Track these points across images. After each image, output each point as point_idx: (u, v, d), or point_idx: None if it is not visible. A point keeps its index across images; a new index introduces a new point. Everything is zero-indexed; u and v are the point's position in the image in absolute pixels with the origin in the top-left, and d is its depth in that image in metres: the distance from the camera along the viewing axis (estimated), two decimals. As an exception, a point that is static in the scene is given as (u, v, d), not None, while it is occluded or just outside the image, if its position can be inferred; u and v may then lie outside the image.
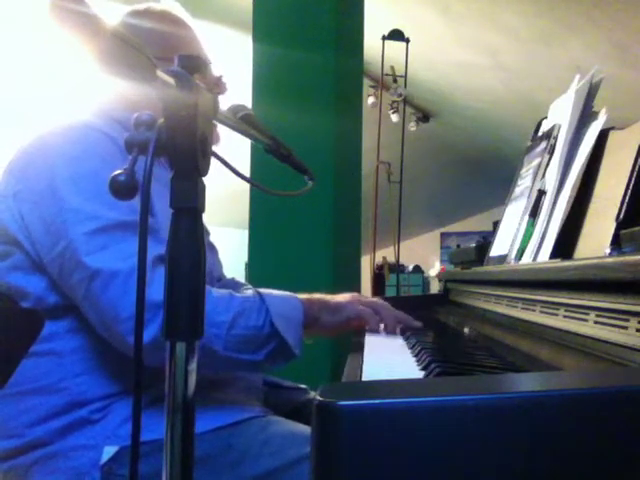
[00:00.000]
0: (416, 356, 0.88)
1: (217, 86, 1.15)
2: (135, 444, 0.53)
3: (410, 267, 7.29)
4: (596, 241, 0.90)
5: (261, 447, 0.96)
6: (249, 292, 1.03)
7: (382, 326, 1.17)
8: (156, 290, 0.81)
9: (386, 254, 5.48)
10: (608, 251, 0.81)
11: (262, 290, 1.03)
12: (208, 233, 1.30)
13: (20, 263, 0.97)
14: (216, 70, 1.17)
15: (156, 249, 0.86)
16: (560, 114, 1.21)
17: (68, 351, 0.96)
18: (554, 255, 0.99)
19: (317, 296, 1.12)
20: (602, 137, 1.02)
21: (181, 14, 1.16)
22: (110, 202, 0.92)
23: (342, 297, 1.15)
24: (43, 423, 0.95)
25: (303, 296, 1.08)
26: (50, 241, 0.93)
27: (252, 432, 0.99)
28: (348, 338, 1.15)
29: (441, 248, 9.44)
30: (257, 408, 1.06)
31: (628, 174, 0.87)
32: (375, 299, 1.24)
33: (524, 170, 1.35)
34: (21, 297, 0.97)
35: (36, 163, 0.97)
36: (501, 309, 1.13)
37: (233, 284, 1.42)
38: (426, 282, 7.31)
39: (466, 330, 1.17)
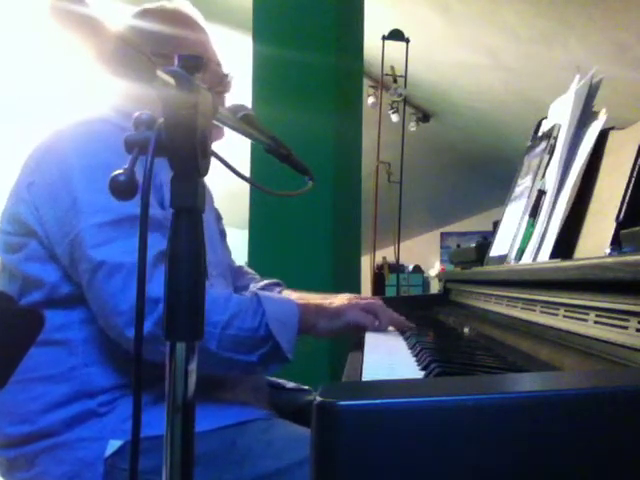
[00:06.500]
0: (416, 356, 0.88)
1: (222, 84, 1.15)
2: (135, 440, 0.53)
3: (410, 267, 7.28)
4: (596, 241, 0.90)
5: (264, 448, 0.96)
6: (247, 294, 1.04)
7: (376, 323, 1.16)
8: (155, 286, 0.82)
9: (386, 254, 5.48)
10: (608, 251, 0.81)
11: (260, 292, 1.04)
12: (220, 218, 1.32)
13: (36, 253, 0.98)
14: (223, 68, 1.17)
15: (162, 244, 0.87)
16: (560, 114, 1.21)
17: (80, 341, 0.98)
18: (554, 255, 0.99)
19: (315, 300, 1.12)
20: (602, 137, 1.02)
21: (192, 13, 1.17)
22: None
23: (341, 299, 1.15)
24: (52, 411, 0.96)
25: (301, 300, 1.08)
26: (62, 231, 0.94)
27: (256, 433, 0.99)
28: (348, 338, 1.15)
29: (441, 248, 9.43)
30: (262, 410, 1.06)
31: (628, 174, 0.87)
32: (373, 300, 1.23)
33: (524, 170, 1.35)
34: (36, 286, 0.99)
35: (51, 155, 0.99)
36: (501, 309, 1.13)
37: (240, 273, 1.43)
38: (426, 282, 7.30)
39: (466, 330, 1.17)
